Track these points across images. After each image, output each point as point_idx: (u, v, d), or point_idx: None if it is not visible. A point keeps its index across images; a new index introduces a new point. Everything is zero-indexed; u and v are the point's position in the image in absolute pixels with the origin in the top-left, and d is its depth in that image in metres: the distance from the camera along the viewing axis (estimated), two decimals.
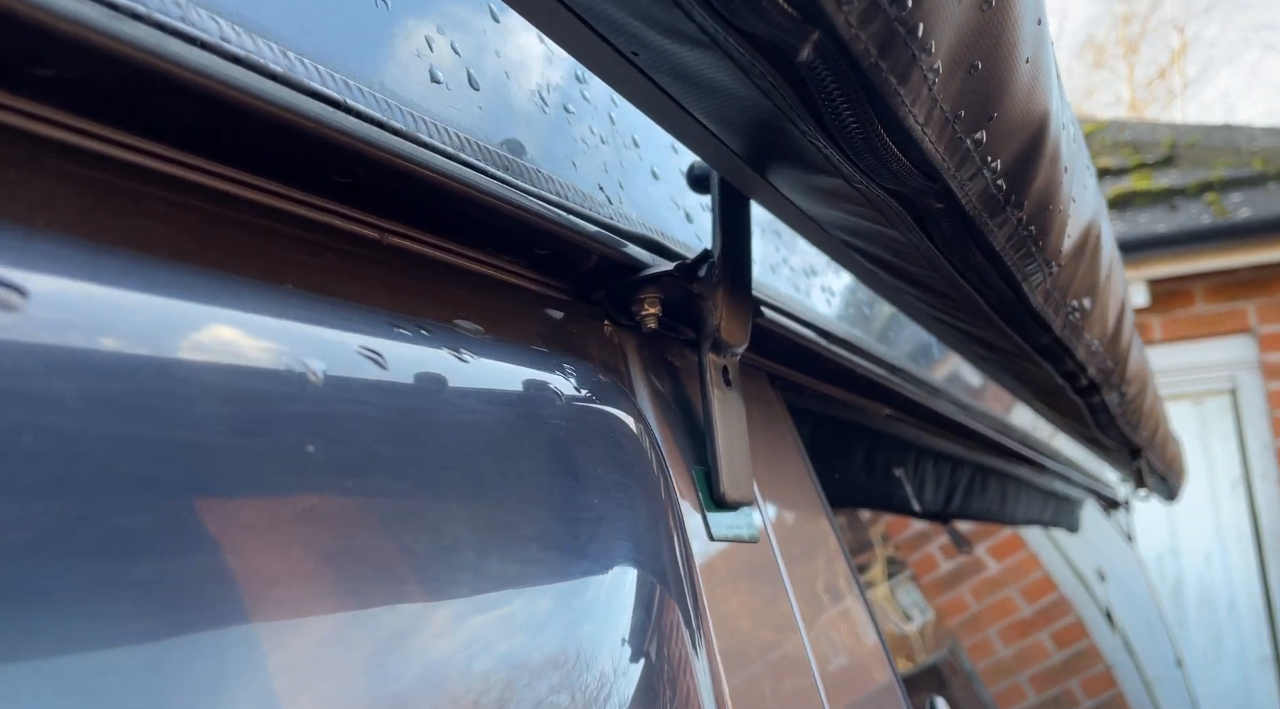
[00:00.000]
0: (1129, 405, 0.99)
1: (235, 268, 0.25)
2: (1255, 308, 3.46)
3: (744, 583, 0.45)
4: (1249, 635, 3.43)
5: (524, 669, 0.26)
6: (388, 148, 0.29)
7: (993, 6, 0.29)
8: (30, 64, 0.21)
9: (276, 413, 0.21)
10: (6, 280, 0.16)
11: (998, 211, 0.39)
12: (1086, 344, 0.65)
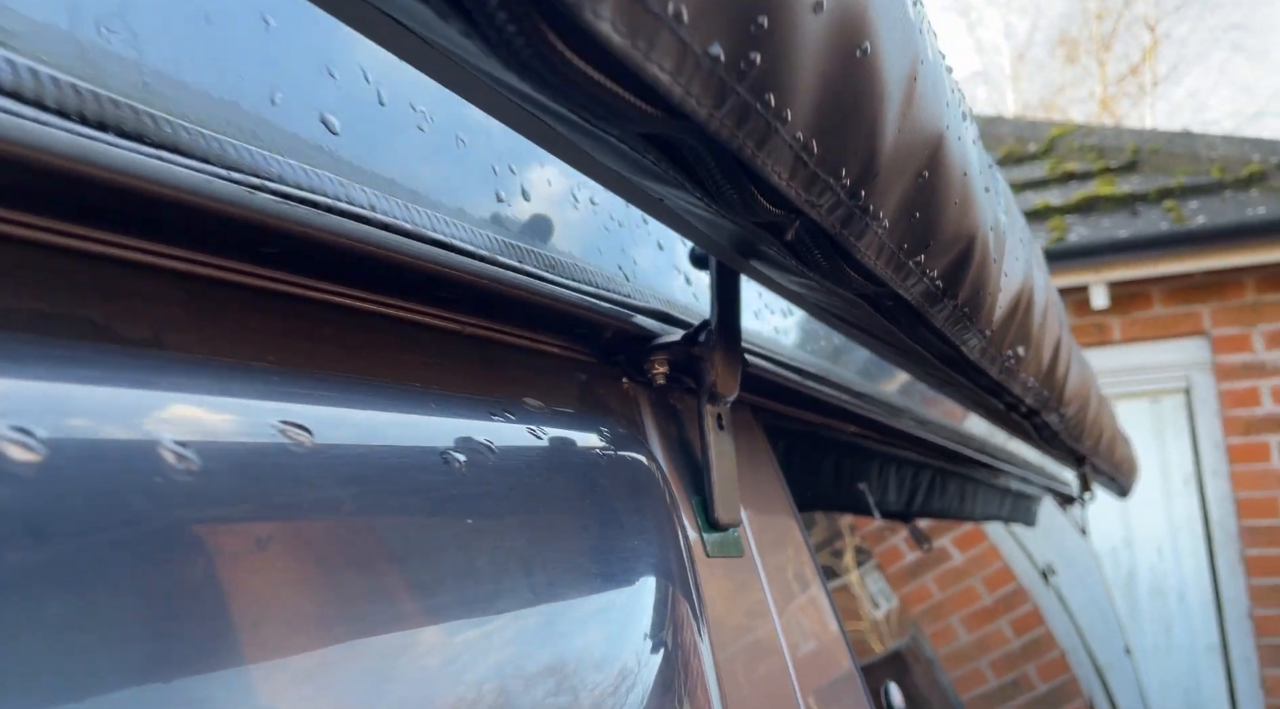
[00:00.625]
0: (1069, 423, 1.11)
1: (380, 372, 0.36)
2: (1209, 311, 3.61)
3: (730, 587, 0.55)
4: (1198, 624, 3.59)
5: (579, 650, 0.36)
6: (473, 271, 0.39)
7: (929, 181, 0.39)
8: (259, 245, 0.31)
9: (438, 476, 0.31)
10: (296, 421, 0.26)
11: (937, 302, 0.49)
12: (1022, 382, 0.76)
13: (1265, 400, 3.49)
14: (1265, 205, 3.47)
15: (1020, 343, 0.69)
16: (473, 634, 0.31)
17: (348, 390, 0.33)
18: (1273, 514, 3.44)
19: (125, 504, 0.21)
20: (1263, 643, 3.43)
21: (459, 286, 0.39)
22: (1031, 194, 4.20)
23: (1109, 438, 1.61)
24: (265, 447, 0.26)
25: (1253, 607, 3.46)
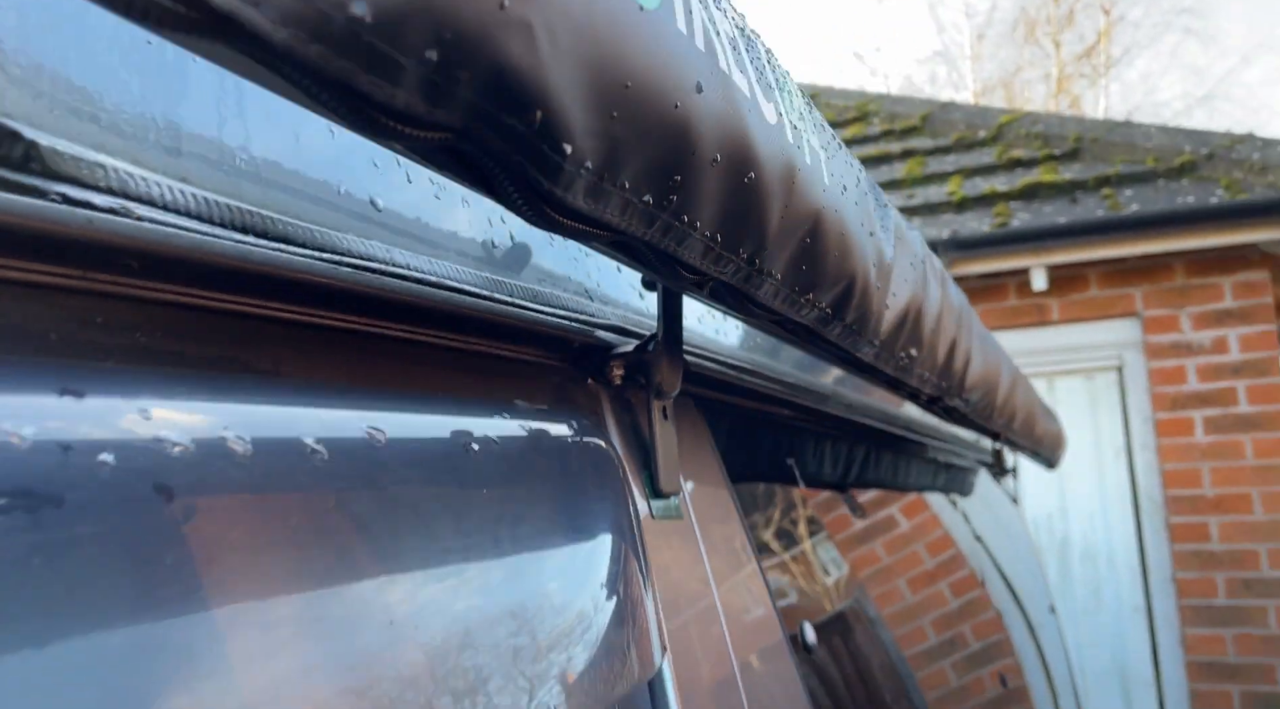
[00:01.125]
0: (975, 407, 1.27)
1: (416, 383, 0.50)
2: (1141, 294, 3.82)
3: (672, 544, 0.70)
4: (1125, 587, 3.83)
5: (557, 581, 0.51)
6: (475, 307, 0.54)
7: (810, 244, 0.54)
8: (337, 301, 0.45)
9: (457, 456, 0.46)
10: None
11: (828, 324, 0.64)
12: (918, 376, 0.92)
13: (1191, 378, 3.71)
14: (1194, 194, 3.67)
15: (912, 345, 0.85)
16: (479, 568, 0.46)
17: (401, 399, 0.47)
18: (1195, 485, 3.68)
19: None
20: (1184, 604, 3.67)
21: (466, 319, 0.53)
22: (980, 180, 4.39)
23: (1024, 417, 1.78)
24: (348, 441, 0.40)
25: (1175, 571, 3.70)
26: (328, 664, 0.34)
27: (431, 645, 0.39)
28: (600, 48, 0.32)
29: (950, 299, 1.01)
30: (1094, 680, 3.81)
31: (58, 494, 0.26)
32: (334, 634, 0.35)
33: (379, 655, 0.36)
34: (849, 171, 0.64)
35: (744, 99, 0.43)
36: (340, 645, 0.35)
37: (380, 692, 0.35)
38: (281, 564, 0.34)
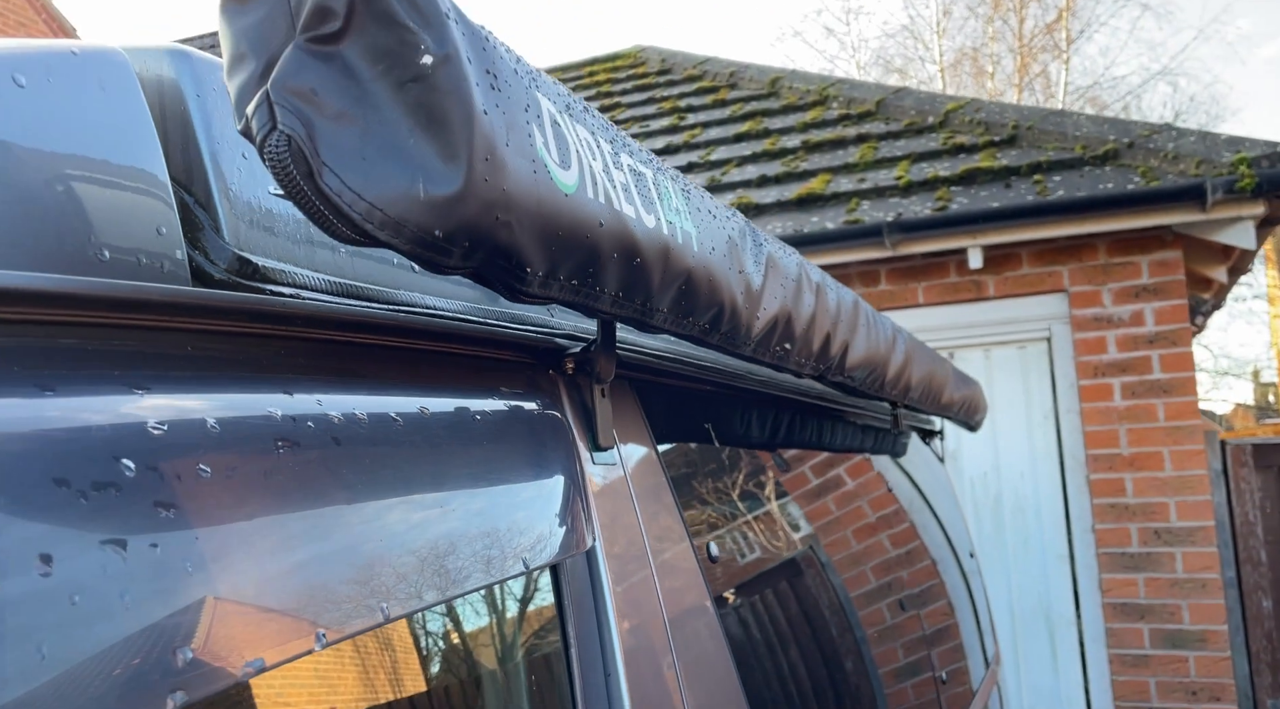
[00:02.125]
0: (863, 382, 1.61)
1: (427, 380, 0.83)
2: (1068, 271, 4.18)
3: (608, 479, 1.03)
4: (1050, 537, 4.22)
5: (523, 497, 0.84)
6: (474, 331, 0.86)
7: (684, 289, 0.87)
8: (395, 331, 0.78)
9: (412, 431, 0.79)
10: None
11: (709, 334, 0.98)
12: (796, 362, 1.25)
13: (1111, 348, 4.09)
14: (1114, 181, 4.02)
15: (785, 341, 1.18)
16: (479, 489, 0.79)
17: (430, 389, 0.80)
18: (1114, 445, 4.06)
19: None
20: (1101, 552, 4.07)
21: (470, 336, 0.86)
22: (925, 165, 4.72)
23: (924, 387, 2.12)
24: (399, 413, 0.73)
25: (1094, 522, 4.09)
26: (363, 554, 0.67)
27: (449, 529, 0.73)
28: (545, 221, 0.64)
29: (826, 303, 1.35)
30: (1022, 621, 4.21)
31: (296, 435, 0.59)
32: (375, 535, 0.68)
33: (408, 547, 0.69)
34: (720, 235, 0.97)
35: (630, 219, 0.76)
36: (377, 544, 0.68)
37: (403, 571, 0.69)
38: (354, 488, 0.67)
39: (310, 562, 0.55)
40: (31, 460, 0.43)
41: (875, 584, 2.59)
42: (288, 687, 0.58)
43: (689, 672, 1.04)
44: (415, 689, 0.72)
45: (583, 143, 0.72)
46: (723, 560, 1.33)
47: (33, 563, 0.41)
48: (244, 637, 0.48)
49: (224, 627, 0.47)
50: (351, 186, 0.53)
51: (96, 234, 0.57)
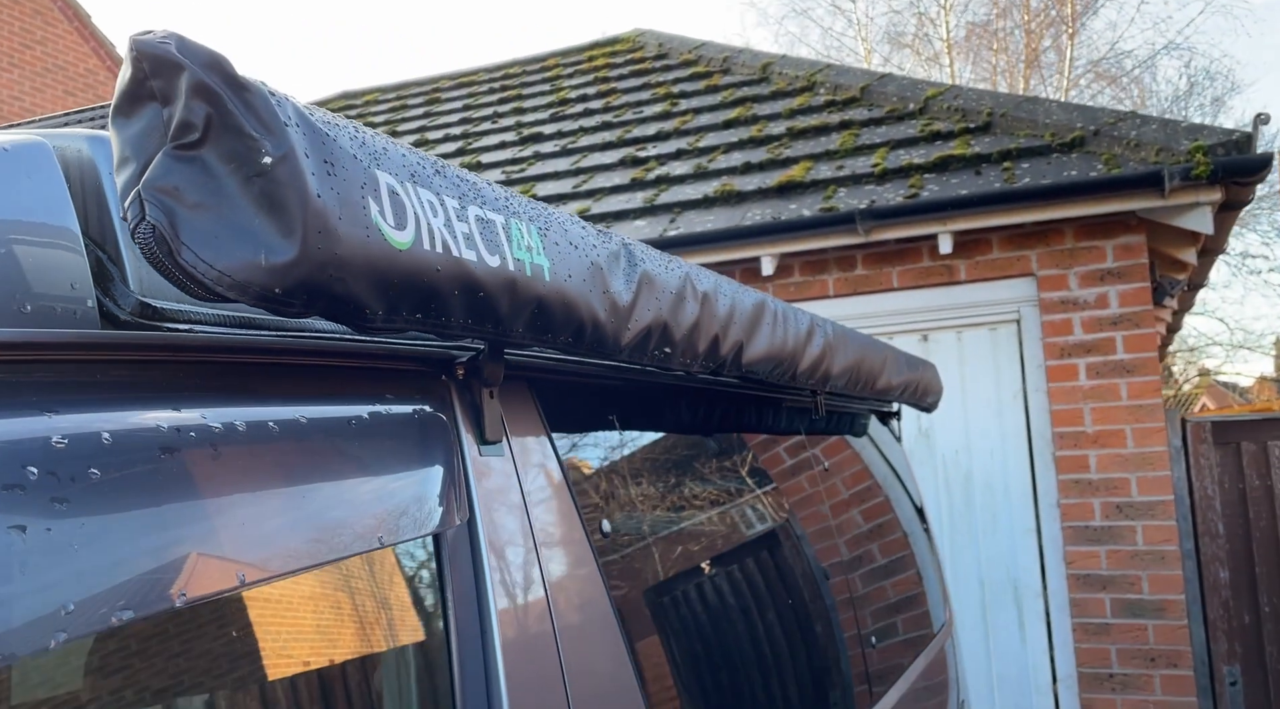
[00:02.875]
0: (770, 374, 1.78)
1: (335, 388, 1.01)
2: (1036, 255, 4.31)
3: (495, 470, 1.21)
4: (1018, 512, 4.38)
5: (411, 483, 1.02)
6: (383, 350, 1.04)
7: (541, 314, 1.04)
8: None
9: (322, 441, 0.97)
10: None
11: (573, 347, 1.15)
12: (680, 363, 1.42)
13: (1076, 330, 4.22)
14: (1078, 168, 4.14)
15: (665, 346, 1.35)
16: (371, 478, 0.97)
17: (337, 397, 0.98)
18: (1078, 423, 4.21)
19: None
20: (1066, 525, 4.22)
21: (359, 353, 1.04)
22: (902, 152, 4.85)
23: (847, 376, 2.29)
24: (310, 418, 0.91)
25: (1060, 497, 4.25)
26: (299, 525, 0.85)
27: (323, 510, 0.91)
28: (378, 274, 0.81)
29: (713, 309, 1.51)
30: (991, 592, 4.38)
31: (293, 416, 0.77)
32: (240, 517, 0.86)
33: (280, 526, 0.87)
34: (580, 263, 1.14)
35: (470, 262, 0.93)
36: (241, 525, 0.86)
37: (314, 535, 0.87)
38: (222, 482, 0.85)
39: (183, 536, 0.73)
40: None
41: (847, 556, 2.75)
42: (175, 645, 0.76)
43: (568, 633, 1.22)
44: (305, 648, 0.91)
45: (423, 204, 0.89)
46: (616, 532, 1.50)
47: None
48: (109, 593, 0.66)
49: (93, 588, 0.65)
50: (205, 259, 0.71)
51: (20, 291, 0.75)
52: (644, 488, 1.67)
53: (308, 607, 0.94)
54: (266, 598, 0.87)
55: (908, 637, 3.07)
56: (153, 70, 0.72)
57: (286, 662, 0.88)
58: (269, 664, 0.86)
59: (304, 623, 0.93)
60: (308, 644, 0.93)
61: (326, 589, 0.97)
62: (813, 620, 2.21)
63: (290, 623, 0.91)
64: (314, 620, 0.95)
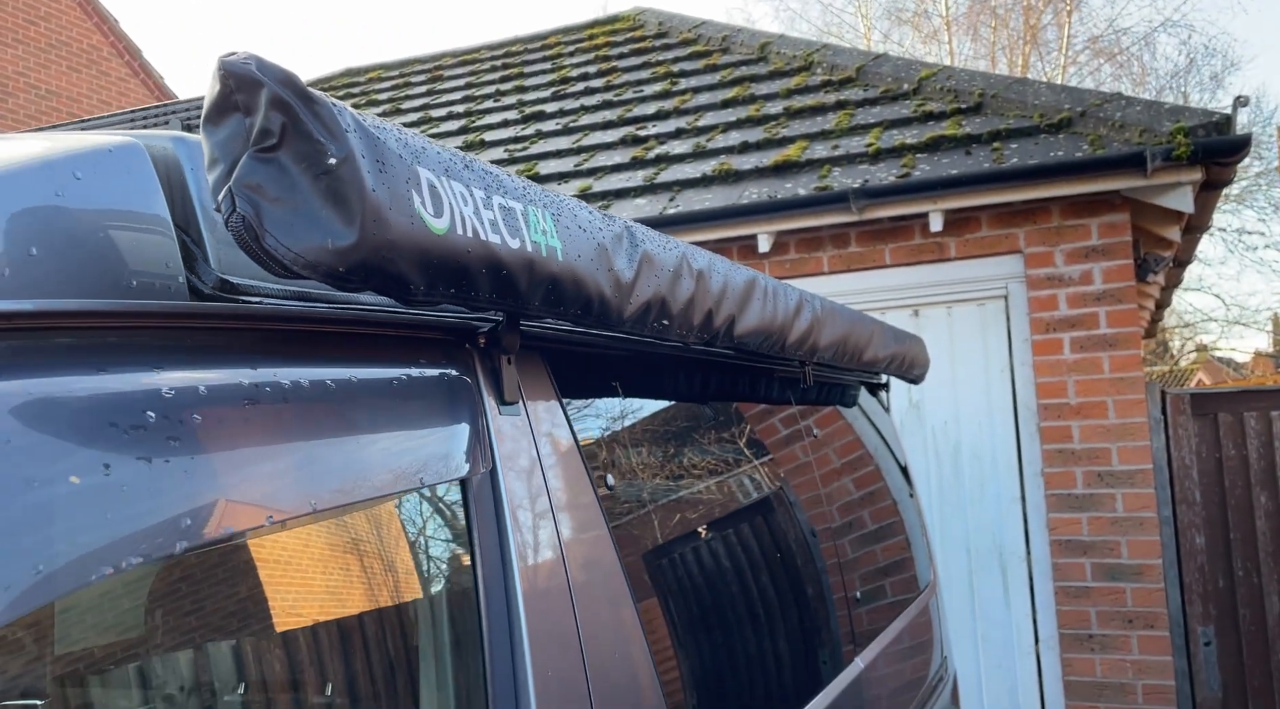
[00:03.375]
0: (760, 346, 1.94)
1: (373, 355, 1.16)
2: (1024, 233, 4.46)
3: (513, 425, 1.37)
4: (1004, 481, 4.55)
5: (439, 433, 1.18)
6: (417, 321, 1.19)
7: (555, 290, 1.20)
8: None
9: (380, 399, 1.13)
10: None
11: (583, 319, 1.30)
12: (677, 335, 1.58)
13: (1061, 305, 4.37)
14: (1065, 149, 4.28)
15: (662, 319, 1.51)
16: (403, 429, 1.13)
17: (374, 360, 1.13)
18: (1062, 395, 4.37)
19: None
20: (1050, 493, 4.40)
21: (398, 324, 1.19)
22: (896, 132, 4.98)
23: (834, 348, 2.44)
24: (352, 376, 1.06)
25: (1044, 466, 4.42)
26: (300, 467, 1.01)
27: (370, 455, 1.07)
28: (421, 255, 0.97)
29: (707, 286, 1.67)
30: (978, 557, 4.56)
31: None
32: (308, 458, 1.02)
33: (334, 468, 1.03)
34: (588, 244, 1.29)
35: (496, 245, 1.08)
36: (308, 464, 1.02)
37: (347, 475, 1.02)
38: (295, 429, 1.00)
39: (266, 471, 0.89)
40: (95, 412, 0.77)
41: (839, 522, 2.91)
42: (243, 565, 0.92)
43: (575, 565, 1.38)
44: (347, 573, 1.07)
45: (456, 195, 1.04)
46: (619, 487, 1.66)
47: (99, 468, 0.75)
48: (218, 514, 0.82)
49: (207, 503, 0.81)
50: (284, 244, 0.86)
51: (125, 269, 0.91)
52: (643, 447, 1.83)
53: (361, 540, 1.10)
54: (327, 528, 1.04)
55: (894, 599, 3.24)
56: (237, 86, 0.87)
57: (345, 579, 1.05)
58: (331, 580, 1.03)
59: (358, 553, 1.09)
60: (360, 571, 1.09)
61: (375, 526, 1.13)
62: (804, 577, 2.38)
63: (348, 552, 1.07)
64: (367, 550, 1.11)
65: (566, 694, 1.28)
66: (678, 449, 2.02)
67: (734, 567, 2.06)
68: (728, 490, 2.22)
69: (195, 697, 0.90)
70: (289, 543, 1.00)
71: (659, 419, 1.99)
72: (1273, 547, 4.31)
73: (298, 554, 0.99)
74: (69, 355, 0.82)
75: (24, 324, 0.80)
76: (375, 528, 1.14)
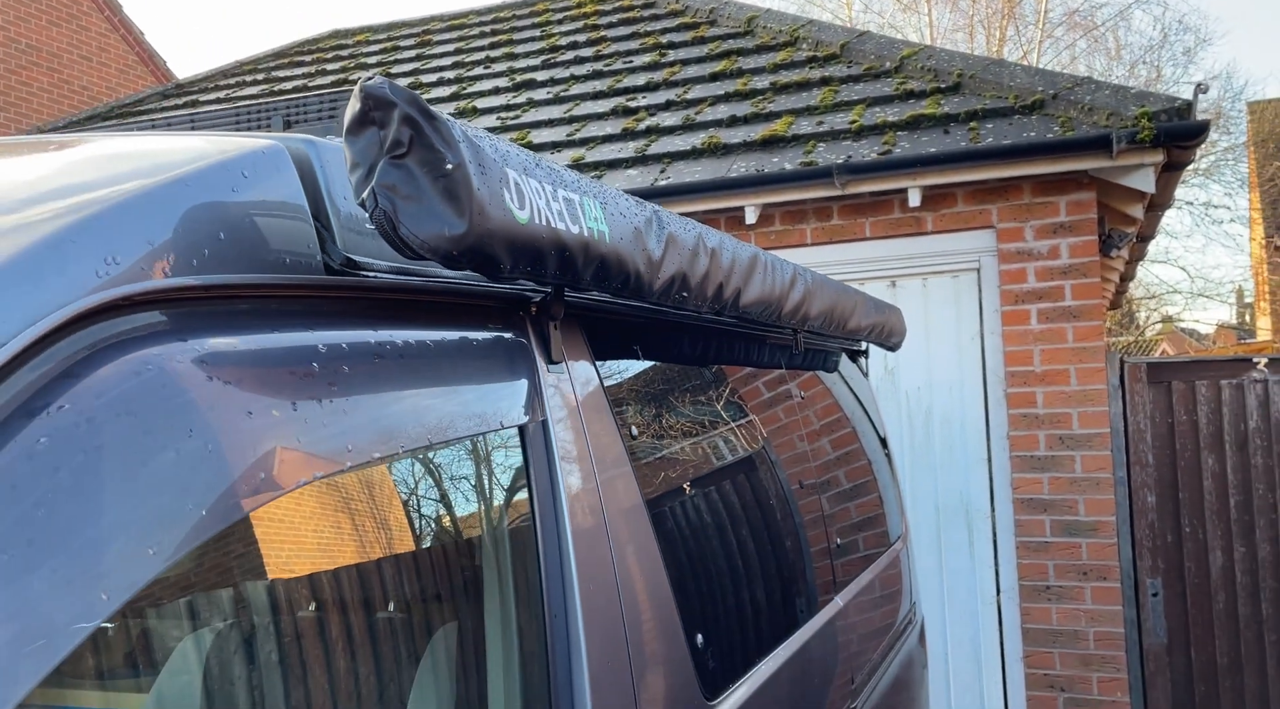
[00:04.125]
0: (760, 315, 2.18)
1: (441, 320, 1.40)
2: (997, 209, 4.72)
3: (559, 379, 1.61)
4: (972, 444, 4.85)
5: (502, 384, 1.42)
6: (478, 291, 1.43)
7: (602, 266, 1.43)
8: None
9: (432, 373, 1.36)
10: None
11: (621, 291, 1.54)
12: (693, 305, 1.82)
13: (1030, 278, 4.65)
14: (1037, 129, 4.53)
15: (683, 291, 1.75)
16: (470, 382, 1.36)
17: (444, 323, 1.37)
18: (1028, 363, 4.66)
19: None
20: (1014, 455, 4.70)
21: (473, 294, 1.42)
22: (878, 109, 5.21)
23: (825, 317, 2.69)
24: (428, 337, 1.29)
25: (1009, 430, 4.72)
26: (395, 409, 1.24)
27: (454, 402, 1.30)
28: (510, 240, 1.20)
29: (719, 262, 1.90)
30: (945, 515, 4.87)
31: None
32: (403, 402, 1.25)
33: (423, 408, 1.27)
34: (628, 227, 1.52)
35: (561, 231, 1.31)
36: (404, 406, 1.25)
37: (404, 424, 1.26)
38: (399, 378, 1.24)
39: (393, 412, 1.13)
40: (259, 360, 1.00)
41: (817, 479, 3.16)
42: (316, 508, 1.16)
43: (608, 499, 1.63)
44: (414, 513, 1.31)
45: (533, 190, 1.27)
46: (640, 436, 1.91)
47: (289, 405, 0.98)
48: (367, 443, 1.06)
49: (359, 436, 1.05)
50: (414, 233, 1.09)
51: (278, 250, 1.13)
52: (660, 403, 2.08)
53: (442, 471, 1.34)
54: (425, 461, 1.28)
55: (868, 552, 3.52)
56: (375, 105, 1.10)
57: (432, 500, 1.29)
58: (423, 506, 1.27)
59: (441, 483, 1.34)
60: (442, 499, 1.34)
61: (451, 463, 1.37)
62: (791, 524, 2.64)
63: (433, 481, 1.31)
64: (445, 484, 1.35)
65: (603, 601, 1.53)
66: (686, 406, 2.27)
67: (731, 511, 2.32)
68: (726, 443, 2.47)
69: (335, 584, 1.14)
70: (396, 472, 1.24)
71: (672, 379, 2.23)
72: (1218, 505, 4.64)
73: (399, 479, 1.23)
74: (249, 318, 1.05)
75: (220, 294, 1.03)
76: (453, 463, 1.38)
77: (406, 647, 1.28)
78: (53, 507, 0.74)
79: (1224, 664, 4.60)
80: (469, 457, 1.40)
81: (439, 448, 1.28)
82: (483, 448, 1.43)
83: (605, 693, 1.50)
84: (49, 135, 1.41)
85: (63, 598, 0.72)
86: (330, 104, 1.82)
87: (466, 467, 1.40)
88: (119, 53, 12.96)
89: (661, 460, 1.98)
